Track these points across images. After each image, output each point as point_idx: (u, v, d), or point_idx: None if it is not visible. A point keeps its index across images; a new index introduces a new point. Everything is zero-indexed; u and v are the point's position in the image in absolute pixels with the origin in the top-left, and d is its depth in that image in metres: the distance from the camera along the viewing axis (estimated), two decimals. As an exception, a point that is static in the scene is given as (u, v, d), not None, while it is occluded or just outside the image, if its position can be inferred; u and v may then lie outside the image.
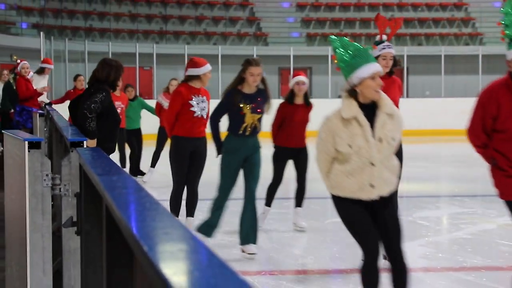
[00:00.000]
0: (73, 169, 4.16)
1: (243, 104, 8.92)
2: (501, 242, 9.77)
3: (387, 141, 5.79)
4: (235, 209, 12.02)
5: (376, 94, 5.78)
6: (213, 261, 1.42)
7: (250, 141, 9.07)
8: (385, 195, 5.90)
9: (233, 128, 9.00)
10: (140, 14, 39.01)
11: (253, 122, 8.99)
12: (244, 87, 8.98)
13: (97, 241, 3.43)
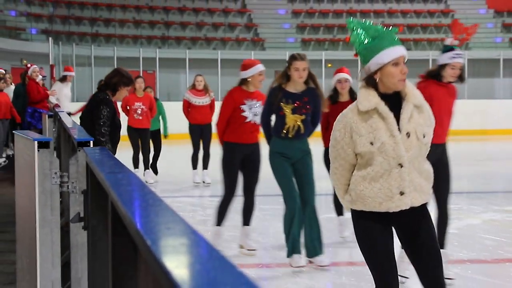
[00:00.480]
0: (80, 168, 4.16)
1: (284, 103, 7.97)
2: (485, 236, 9.78)
3: (416, 137, 4.65)
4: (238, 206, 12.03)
5: (399, 83, 4.65)
6: (213, 254, 1.42)
7: (296, 145, 8.11)
8: (417, 205, 4.71)
9: (276, 129, 8.11)
10: (144, 20, 39.00)
11: (296, 123, 8.02)
12: (288, 85, 8.04)
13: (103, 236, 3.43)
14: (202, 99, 15.03)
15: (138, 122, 15.00)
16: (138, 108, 14.96)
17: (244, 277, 1.22)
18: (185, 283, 1.22)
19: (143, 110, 14.96)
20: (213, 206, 12.44)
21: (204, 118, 15.01)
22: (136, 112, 14.96)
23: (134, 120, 15.01)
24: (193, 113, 14.97)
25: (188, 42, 38.52)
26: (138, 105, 14.95)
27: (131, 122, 15.08)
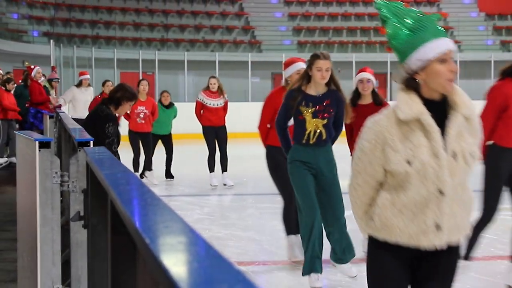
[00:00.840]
0: (80, 167, 4.16)
1: (304, 106, 7.10)
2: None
3: (463, 158, 3.74)
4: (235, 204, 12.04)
5: (448, 85, 3.66)
6: (210, 252, 1.42)
7: (319, 153, 7.18)
8: (454, 243, 3.82)
9: (296, 135, 7.22)
10: (143, 23, 38.99)
11: (317, 129, 7.12)
12: (309, 87, 7.16)
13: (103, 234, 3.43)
14: (217, 101, 14.39)
15: (140, 126, 14.48)
16: (141, 112, 14.47)
17: (241, 274, 1.21)
18: (182, 280, 1.21)
19: (145, 115, 14.47)
20: (210, 205, 12.45)
21: (219, 120, 14.37)
22: (138, 116, 14.42)
23: (136, 124, 14.46)
24: (207, 115, 14.31)
25: (187, 44, 38.53)
26: (141, 109, 14.44)
27: (133, 126, 14.55)
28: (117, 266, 2.76)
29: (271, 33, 40.19)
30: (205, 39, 39.14)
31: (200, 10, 40.53)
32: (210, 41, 39.00)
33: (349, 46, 39.38)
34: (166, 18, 39.65)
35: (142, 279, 2.30)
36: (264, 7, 41.63)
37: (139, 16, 39.28)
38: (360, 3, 42.12)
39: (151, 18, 39.51)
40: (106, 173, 2.90)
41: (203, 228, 10.19)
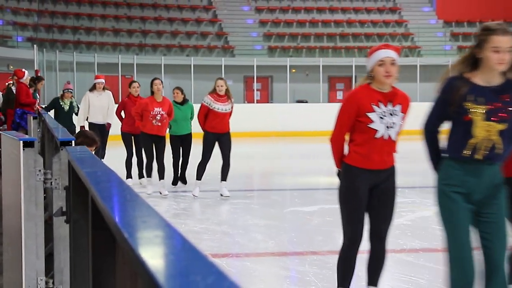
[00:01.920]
0: (62, 165, 4.14)
1: (472, 102, 4.74)
2: (436, 227, 9.81)
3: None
4: (210, 200, 12.04)
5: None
6: (186, 245, 1.41)
7: (486, 173, 4.81)
8: None
9: (453, 146, 4.87)
10: (122, 29, 38.86)
11: (490, 137, 4.73)
12: (475, 75, 4.78)
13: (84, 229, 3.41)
14: (225, 106, 12.28)
15: (157, 128, 12.66)
16: (157, 114, 12.65)
17: (214, 266, 1.21)
18: (159, 272, 1.21)
19: (163, 116, 12.68)
20: (186, 201, 12.41)
21: (224, 127, 12.31)
22: (155, 118, 12.60)
23: (152, 126, 12.63)
24: (213, 120, 12.20)
25: (164, 49, 38.44)
26: (158, 110, 12.64)
27: (148, 129, 12.67)
28: (97, 258, 2.75)
29: (243, 38, 40.19)
30: (180, 44, 39.07)
31: (176, 17, 40.46)
32: (185, 46, 38.93)
33: (316, 51, 39.44)
34: (144, 25, 39.53)
35: (121, 271, 2.29)
36: (236, 14, 41.63)
37: (118, 23, 39.14)
38: (326, 11, 42.21)
39: (130, 24, 39.38)
40: (87, 171, 2.89)
41: (179, 223, 10.17)
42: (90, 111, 15.34)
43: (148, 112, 12.61)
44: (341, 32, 40.82)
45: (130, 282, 1.98)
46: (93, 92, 15.49)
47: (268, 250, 8.60)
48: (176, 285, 1.13)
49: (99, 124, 15.13)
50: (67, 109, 16.65)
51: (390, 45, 5.84)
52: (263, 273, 7.61)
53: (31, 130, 11.72)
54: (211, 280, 1.13)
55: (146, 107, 12.65)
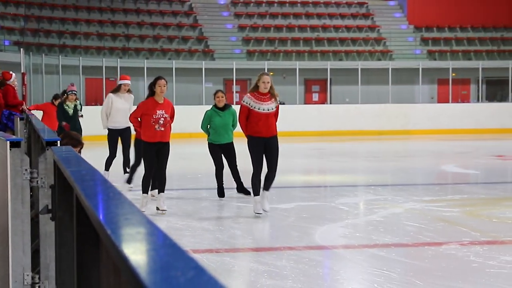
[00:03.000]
0: (48, 165, 4.12)
1: None
2: (407, 223, 9.88)
3: None
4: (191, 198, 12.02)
5: None
6: (167, 242, 1.41)
7: None
8: None
9: None
10: (106, 33, 38.74)
11: None
12: None
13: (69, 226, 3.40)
14: (268, 105, 10.34)
15: (160, 135, 10.60)
16: (160, 118, 10.63)
17: (194, 261, 1.21)
18: (141, 267, 1.21)
19: (166, 120, 10.63)
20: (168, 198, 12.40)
21: (270, 129, 10.36)
22: (158, 123, 10.54)
23: (154, 132, 10.57)
24: (255, 123, 10.27)
25: (146, 52, 38.34)
26: (161, 113, 10.63)
27: (149, 136, 10.60)
28: (82, 255, 2.74)
29: (223, 43, 40.18)
30: (162, 48, 38.99)
31: (158, 22, 40.38)
32: (167, 50, 38.86)
33: (293, 54, 39.50)
34: (127, 29, 39.42)
35: (105, 266, 2.29)
36: (216, 19, 41.61)
37: (102, 27, 39.01)
38: (303, 16, 42.26)
39: (114, 29, 39.26)
40: (72, 170, 2.88)
41: (161, 220, 10.15)
42: (112, 114, 13.62)
43: (150, 116, 10.59)
44: (317, 37, 40.89)
45: (113, 277, 1.98)
46: (117, 94, 13.72)
47: (247, 245, 8.61)
48: (157, 280, 1.12)
49: (120, 129, 13.80)
50: (71, 113, 15.71)
51: None
52: (242, 267, 7.62)
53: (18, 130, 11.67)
54: (191, 275, 1.13)
55: (147, 110, 10.61)
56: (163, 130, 10.62)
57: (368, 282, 6.80)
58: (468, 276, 6.94)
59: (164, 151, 10.70)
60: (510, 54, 40.68)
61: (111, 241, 1.49)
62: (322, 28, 41.69)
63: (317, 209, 11.18)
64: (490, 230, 9.43)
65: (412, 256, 7.98)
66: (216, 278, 1.09)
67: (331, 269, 7.58)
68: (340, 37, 41.06)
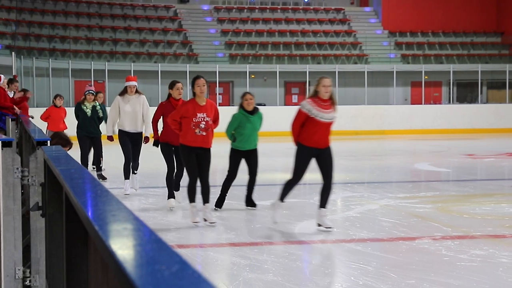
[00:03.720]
0: (39, 164, 4.10)
1: None
2: (382, 219, 9.90)
3: None
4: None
5: None
6: (152, 237, 1.41)
7: None
8: None
9: None
10: (95, 37, 38.59)
11: None
12: None
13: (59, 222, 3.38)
14: (329, 114, 8.86)
15: (200, 139, 9.23)
16: (201, 121, 9.24)
17: (178, 256, 1.21)
18: (127, 262, 1.20)
19: (208, 124, 9.22)
20: (155, 196, 12.37)
21: (326, 140, 8.97)
22: (198, 126, 9.18)
23: (194, 137, 9.20)
24: (313, 132, 8.79)
25: (133, 56, 38.23)
26: (202, 116, 9.24)
27: (189, 140, 9.22)
28: (71, 250, 2.73)
29: (206, 47, 40.14)
30: (148, 51, 38.89)
31: (144, 27, 40.27)
32: (153, 54, 38.77)
33: (273, 58, 39.51)
34: (114, 33, 39.28)
35: (93, 261, 2.28)
36: (200, 24, 41.56)
37: (90, 32, 38.86)
38: (282, 22, 42.29)
39: (102, 33, 39.11)
40: (61, 168, 2.86)
41: (148, 216, 10.12)
42: (121, 118, 12.17)
43: (189, 119, 9.22)
44: (296, 41, 40.93)
45: (101, 272, 1.97)
46: (124, 96, 12.26)
47: (230, 240, 8.60)
48: (143, 273, 1.12)
49: (130, 133, 12.19)
50: (89, 114, 14.35)
51: None
52: (225, 261, 7.61)
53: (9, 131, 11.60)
54: (175, 269, 1.13)
55: (186, 112, 9.25)
56: (205, 135, 9.24)
57: (345, 275, 6.81)
58: (440, 269, 6.97)
59: (205, 157, 9.32)
60: (479, 58, 40.90)
61: (99, 237, 1.48)
62: (301, 33, 41.73)
63: (296, 205, 11.19)
64: (461, 225, 9.48)
65: (387, 250, 8.00)
66: (199, 272, 1.09)
67: (310, 262, 7.59)
68: (318, 41, 41.12)
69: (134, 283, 1.06)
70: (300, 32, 41.75)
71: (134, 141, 12.24)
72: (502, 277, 6.65)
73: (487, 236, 8.60)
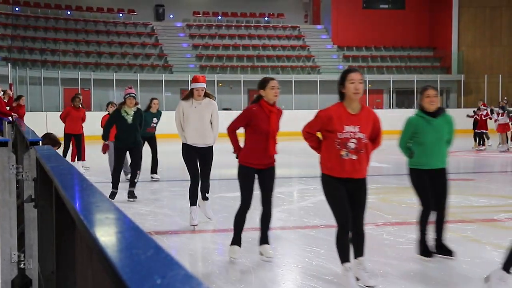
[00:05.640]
0: (31, 161, 4.06)
1: None
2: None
3: None
4: (153, 188, 11.91)
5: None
6: (131, 225, 1.40)
7: None
8: None
9: None
10: (81, 50, 38.24)
11: None
12: None
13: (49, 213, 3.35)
14: None
15: (350, 167, 5.75)
16: (351, 138, 5.55)
17: (153, 242, 1.20)
18: (109, 247, 1.19)
19: (360, 142, 5.44)
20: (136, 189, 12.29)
21: None
22: (345, 147, 5.55)
23: (341, 162, 5.62)
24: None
25: (115, 67, 37.95)
26: (352, 131, 5.52)
27: (333, 168, 5.75)
28: (60, 237, 2.70)
29: (180, 59, 40.00)
30: (129, 63, 38.65)
31: (125, 41, 40.01)
32: (133, 65, 38.53)
33: (238, 69, 39.50)
34: (99, 47, 38.97)
35: (79, 246, 2.26)
36: (174, 39, 41.41)
37: (78, 45, 38.50)
38: (246, 37, 42.28)
39: (88, 47, 38.77)
40: (51, 165, 2.84)
41: (127, 207, 10.06)
42: (185, 129, 8.47)
43: (334, 134, 5.51)
44: (258, 54, 40.96)
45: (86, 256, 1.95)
46: (189, 101, 8.48)
47: (201, 228, 8.58)
48: (122, 257, 1.11)
49: (198, 147, 8.48)
50: (130, 121, 10.63)
51: None
52: (197, 246, 7.59)
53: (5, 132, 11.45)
54: (151, 253, 1.12)
55: (329, 124, 5.54)
56: (356, 160, 5.65)
57: (300, 257, 6.84)
58: (381, 251, 7.02)
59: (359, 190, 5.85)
60: (415, 69, 41.31)
61: (84, 225, 1.47)
62: (262, 47, 41.78)
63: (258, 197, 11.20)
64: (400, 213, 9.56)
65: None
66: (172, 255, 1.09)
67: (270, 246, 7.60)
68: (277, 54, 41.20)
69: (114, 266, 1.06)
70: (261, 46, 41.80)
71: (203, 157, 8.54)
72: (435, 258, 6.71)
73: (422, 222, 8.68)
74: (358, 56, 41.84)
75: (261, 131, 6.47)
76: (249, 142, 6.51)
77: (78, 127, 15.20)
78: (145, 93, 33.81)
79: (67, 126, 15.21)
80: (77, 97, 15.37)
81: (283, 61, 40.93)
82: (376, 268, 6.28)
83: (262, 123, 6.46)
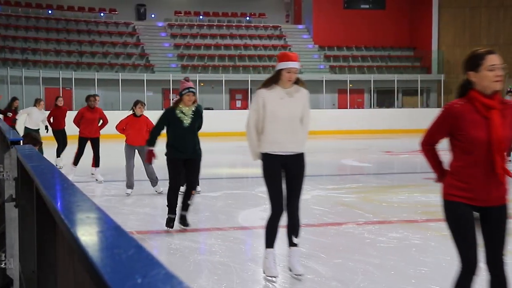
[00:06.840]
0: (12, 160, 4.03)
1: None
2: (314, 207, 9.98)
3: None
4: (136, 188, 11.84)
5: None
6: (111, 224, 1.39)
7: None
8: None
9: None
10: (63, 50, 38.00)
11: None
12: None
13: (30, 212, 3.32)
14: None
15: None
16: None
17: (135, 241, 1.20)
18: (89, 246, 1.19)
19: None
20: (116, 188, 12.22)
21: None
22: None
23: None
24: None
25: (97, 66, 37.76)
26: None
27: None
28: (41, 236, 2.69)
29: (161, 58, 39.89)
30: (111, 62, 38.47)
31: (107, 41, 39.82)
32: (114, 64, 38.35)
33: (220, 68, 39.46)
34: (80, 46, 38.75)
35: (60, 246, 2.25)
36: (155, 39, 41.28)
37: (59, 44, 38.26)
38: (227, 37, 42.25)
39: (69, 46, 38.55)
40: (32, 165, 2.82)
41: (110, 206, 10.02)
42: (264, 129, 6.08)
43: None
44: (239, 54, 40.95)
45: (68, 255, 1.94)
46: (272, 88, 6.22)
47: (182, 227, 8.57)
48: (103, 256, 1.11)
49: (286, 156, 6.21)
50: (188, 123, 8.11)
51: None
52: (178, 245, 7.58)
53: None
54: (132, 252, 1.12)
55: None
56: None
57: (283, 256, 6.85)
58: (363, 250, 7.05)
59: None
60: (395, 69, 41.52)
61: (65, 225, 1.46)
62: (244, 46, 41.77)
63: (240, 196, 11.20)
64: (380, 212, 9.61)
65: (318, 234, 8.07)
66: (153, 255, 1.08)
67: (251, 245, 7.61)
68: (258, 54, 41.21)
69: (95, 265, 1.05)
70: (243, 46, 41.78)
71: (292, 168, 6.14)
72: (415, 256, 6.76)
73: (403, 221, 8.74)
74: (339, 56, 41.97)
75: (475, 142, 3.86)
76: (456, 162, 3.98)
77: (94, 129, 13.38)
78: (127, 93, 33.71)
79: (82, 129, 13.43)
80: (91, 96, 13.59)
81: (264, 61, 40.94)
82: (357, 266, 6.30)
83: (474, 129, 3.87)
